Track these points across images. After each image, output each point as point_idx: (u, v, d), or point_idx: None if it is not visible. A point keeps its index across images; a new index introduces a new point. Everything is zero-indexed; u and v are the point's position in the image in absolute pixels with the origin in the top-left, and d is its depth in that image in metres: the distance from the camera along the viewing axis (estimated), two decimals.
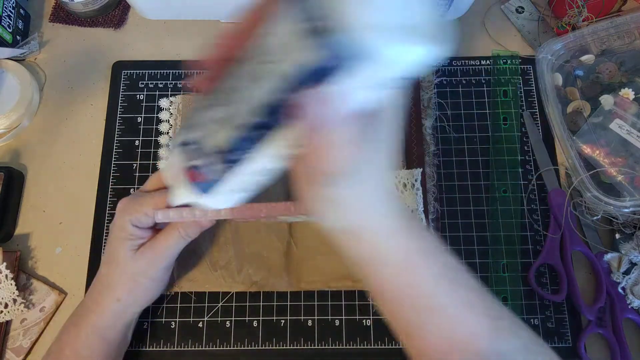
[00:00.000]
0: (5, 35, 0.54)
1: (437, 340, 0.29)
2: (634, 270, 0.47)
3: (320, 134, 0.19)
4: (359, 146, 0.21)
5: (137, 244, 0.40)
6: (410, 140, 0.51)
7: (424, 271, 0.28)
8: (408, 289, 0.29)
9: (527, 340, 0.29)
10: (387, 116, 0.24)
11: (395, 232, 0.27)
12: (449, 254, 0.30)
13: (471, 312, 0.28)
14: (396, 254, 0.28)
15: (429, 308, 0.29)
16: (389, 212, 0.27)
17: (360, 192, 0.25)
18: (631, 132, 0.49)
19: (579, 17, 0.53)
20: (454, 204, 0.51)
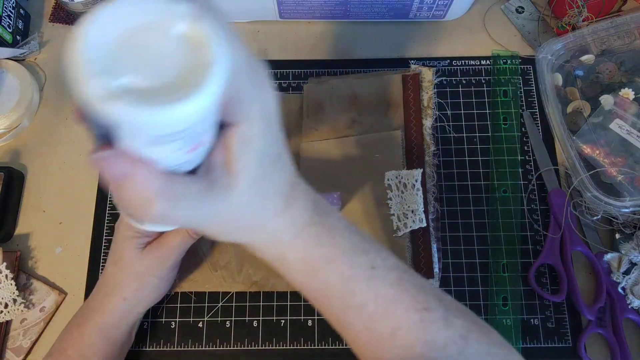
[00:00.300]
0: (5, 35, 0.54)
1: (364, 338, 0.29)
2: (634, 270, 0.47)
3: (123, 188, 0.19)
4: (172, 199, 0.20)
5: (143, 242, 0.40)
6: (410, 140, 0.51)
7: (330, 275, 0.28)
8: (317, 292, 0.29)
9: (462, 329, 0.29)
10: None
11: (290, 242, 0.27)
12: (374, 252, 0.29)
13: (396, 308, 0.28)
14: (294, 262, 0.28)
15: (345, 308, 0.29)
16: (281, 226, 0.27)
17: (223, 222, 0.25)
18: (631, 132, 0.49)
19: (579, 17, 0.53)
20: (454, 204, 0.51)
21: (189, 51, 0.18)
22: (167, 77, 0.17)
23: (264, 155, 0.23)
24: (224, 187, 0.22)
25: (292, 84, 0.55)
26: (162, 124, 0.18)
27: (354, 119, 0.52)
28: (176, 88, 0.17)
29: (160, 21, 0.18)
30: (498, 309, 0.47)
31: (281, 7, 0.54)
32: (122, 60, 0.17)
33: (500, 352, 0.30)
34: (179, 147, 0.19)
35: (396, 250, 0.48)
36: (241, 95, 0.21)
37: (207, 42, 0.18)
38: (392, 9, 0.54)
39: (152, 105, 0.17)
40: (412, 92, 0.53)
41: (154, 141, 0.19)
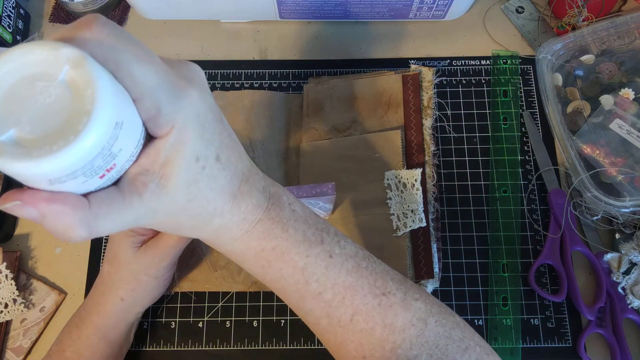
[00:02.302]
0: (5, 35, 0.54)
1: (325, 325, 0.30)
2: (634, 270, 0.47)
3: (43, 224, 0.20)
4: (93, 220, 0.21)
5: (139, 240, 0.40)
6: (410, 140, 0.51)
7: (283, 266, 0.29)
8: (273, 283, 0.30)
9: (421, 312, 0.30)
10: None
11: (241, 237, 0.28)
12: (331, 242, 0.30)
13: (354, 294, 0.30)
14: (247, 255, 0.29)
15: (302, 297, 0.30)
16: (228, 223, 0.27)
17: (166, 222, 0.25)
18: (631, 132, 0.49)
19: (579, 17, 0.53)
20: (454, 204, 0.51)
21: (72, 98, 0.18)
22: (49, 127, 0.18)
23: (199, 157, 0.23)
24: (155, 192, 0.22)
25: (292, 84, 0.55)
26: (48, 172, 0.18)
27: (354, 119, 0.52)
28: (56, 138, 0.18)
29: (48, 69, 0.19)
30: (498, 309, 0.47)
31: (281, 7, 0.54)
32: (8, 114, 0.18)
33: (459, 334, 0.30)
34: (84, 180, 0.20)
35: (396, 250, 0.48)
36: (161, 110, 0.21)
37: (87, 87, 0.18)
38: (392, 9, 0.54)
39: (32, 158, 0.17)
40: (412, 92, 0.53)
41: (53, 182, 0.19)
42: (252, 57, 0.57)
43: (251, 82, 0.56)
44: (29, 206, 0.19)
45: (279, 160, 0.52)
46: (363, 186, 0.49)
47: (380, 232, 0.48)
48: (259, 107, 0.53)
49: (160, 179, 0.22)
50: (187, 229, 0.27)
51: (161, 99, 0.21)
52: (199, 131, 0.23)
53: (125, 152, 0.21)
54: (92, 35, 0.20)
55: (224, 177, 0.25)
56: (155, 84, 0.21)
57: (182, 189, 0.23)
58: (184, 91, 0.22)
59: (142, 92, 0.20)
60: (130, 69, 0.20)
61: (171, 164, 0.22)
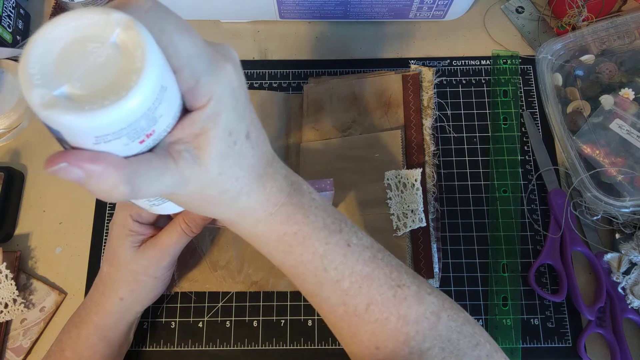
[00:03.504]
0: (5, 35, 0.54)
1: (340, 313, 0.31)
2: (634, 270, 0.47)
3: (86, 185, 0.21)
4: (135, 180, 0.22)
5: (138, 240, 0.40)
6: (410, 140, 0.51)
7: (304, 251, 0.30)
8: (292, 268, 0.31)
9: (434, 305, 0.31)
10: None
11: (264, 219, 0.29)
12: (349, 232, 0.31)
13: (370, 284, 0.30)
14: (268, 239, 0.30)
15: (320, 284, 0.30)
16: (254, 204, 0.28)
17: (194, 196, 0.26)
18: (631, 132, 0.49)
19: (579, 17, 0.53)
20: (454, 204, 0.51)
21: (122, 58, 0.20)
22: (101, 84, 0.19)
23: (231, 131, 0.24)
24: (189, 160, 0.23)
25: (292, 84, 0.55)
26: (96, 127, 0.19)
27: (354, 119, 0.52)
28: (107, 94, 0.19)
29: (99, 31, 0.20)
30: (498, 309, 0.47)
31: (281, 7, 0.54)
32: (61, 71, 0.19)
33: (470, 330, 0.31)
34: (127, 142, 0.21)
35: (396, 250, 0.48)
36: (200, 81, 0.22)
37: (137, 48, 0.19)
38: (392, 9, 0.54)
39: (85, 111, 0.18)
40: (412, 92, 0.53)
41: (98, 141, 0.20)
42: (252, 57, 0.57)
43: (251, 82, 0.56)
44: (74, 167, 0.20)
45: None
46: (363, 186, 0.49)
47: (380, 232, 0.48)
48: (259, 107, 0.53)
49: (194, 149, 0.23)
50: (214, 206, 0.27)
51: (200, 71, 0.22)
52: (234, 104, 0.24)
53: (164, 119, 0.22)
54: (138, 3, 0.21)
55: (253, 156, 0.26)
56: (195, 55, 0.22)
57: (214, 161, 0.24)
58: (221, 64, 0.23)
59: (182, 62, 0.21)
60: (172, 38, 0.21)
61: (206, 134, 0.23)
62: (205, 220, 0.40)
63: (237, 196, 0.27)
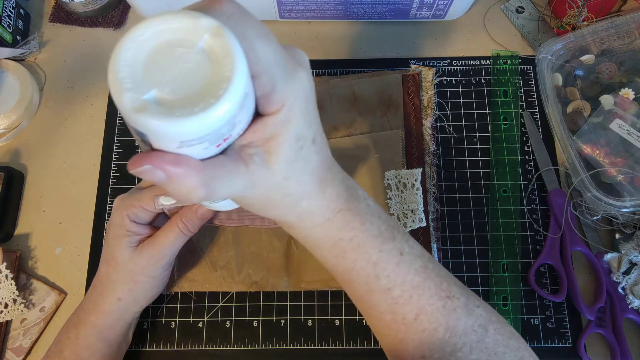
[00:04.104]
0: (5, 35, 0.54)
1: (388, 320, 0.31)
2: (634, 270, 0.47)
3: (166, 187, 0.22)
4: (211, 183, 0.22)
5: (135, 240, 0.40)
6: (410, 140, 0.51)
7: (358, 258, 0.30)
8: (345, 274, 0.31)
9: (482, 318, 0.31)
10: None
11: (322, 224, 0.29)
12: (402, 240, 0.31)
13: (420, 294, 0.30)
14: (324, 243, 0.30)
15: (371, 291, 0.31)
16: (313, 208, 0.28)
17: (259, 198, 0.26)
18: (631, 132, 0.49)
19: (579, 17, 0.53)
20: (454, 204, 0.51)
21: (210, 65, 0.20)
22: (190, 90, 0.19)
23: (299, 137, 0.25)
24: (259, 164, 0.24)
25: None
26: (184, 133, 0.20)
27: (354, 119, 0.52)
28: (197, 101, 0.19)
29: (187, 36, 0.20)
30: (498, 309, 0.47)
31: (281, 7, 0.54)
32: (151, 75, 0.19)
33: (516, 344, 0.31)
34: (207, 146, 0.21)
35: None
36: (276, 87, 0.22)
37: (226, 56, 0.20)
38: (392, 9, 0.54)
39: (175, 117, 0.19)
40: (412, 92, 0.53)
41: (182, 145, 0.20)
42: None
43: None
44: (158, 169, 0.20)
45: None
46: (363, 186, 0.49)
47: None
48: None
49: (264, 153, 0.24)
50: (276, 209, 0.28)
51: (277, 77, 0.22)
52: (304, 111, 0.24)
53: (241, 124, 0.22)
54: (222, 8, 0.21)
55: (316, 161, 0.27)
56: (273, 62, 0.22)
57: (282, 166, 0.24)
58: (296, 71, 0.24)
59: (262, 68, 0.21)
60: (254, 44, 0.21)
61: (276, 140, 0.24)
62: (203, 220, 0.40)
63: (299, 200, 0.27)
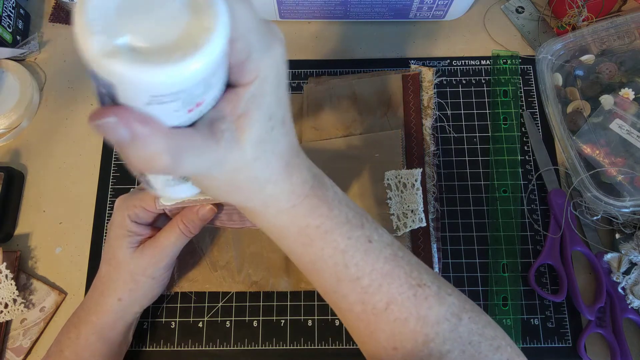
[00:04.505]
0: (5, 35, 0.54)
1: (358, 311, 0.30)
2: (634, 270, 0.47)
3: (128, 148, 0.20)
4: (177, 152, 0.21)
5: (136, 240, 0.40)
6: (410, 140, 0.51)
7: (325, 245, 0.29)
8: (311, 264, 0.30)
9: (455, 307, 0.30)
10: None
11: (288, 210, 0.28)
12: (370, 228, 0.30)
13: (390, 282, 0.29)
14: (290, 231, 0.29)
15: (339, 280, 0.30)
16: (279, 193, 0.27)
17: (225, 179, 0.25)
18: (631, 132, 0.49)
19: (579, 17, 0.53)
20: (454, 204, 0.51)
21: (190, 15, 0.18)
22: (166, 39, 0.18)
23: (272, 115, 0.24)
24: (229, 141, 0.23)
25: (292, 84, 0.55)
26: (158, 84, 0.18)
27: (354, 119, 0.52)
28: (174, 50, 0.18)
29: None
30: (498, 309, 0.47)
31: (281, 7, 0.54)
32: (124, 21, 0.18)
33: (492, 332, 0.30)
34: (178, 108, 0.20)
35: None
36: (251, 55, 0.22)
37: (208, 6, 0.18)
38: (392, 9, 0.54)
39: (149, 65, 0.17)
40: (412, 92, 0.53)
41: (152, 101, 0.19)
42: None
43: None
44: (122, 125, 0.19)
45: None
46: (363, 186, 0.49)
47: None
48: None
49: (236, 130, 0.23)
50: (241, 193, 0.27)
51: (254, 45, 0.22)
52: (276, 87, 0.24)
53: (214, 89, 0.21)
54: None
55: (285, 143, 0.26)
56: (252, 28, 0.21)
57: (252, 145, 0.24)
58: (273, 43, 0.23)
59: (238, 32, 0.21)
60: (234, 5, 0.20)
61: (248, 116, 0.23)
62: (204, 221, 0.40)
63: (265, 184, 0.26)
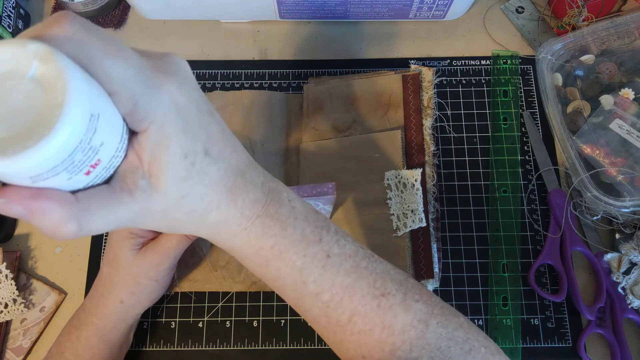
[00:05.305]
0: (5, 35, 0.54)
1: (323, 323, 0.30)
2: (634, 270, 0.47)
3: (31, 221, 0.20)
4: (84, 216, 0.21)
5: (138, 242, 0.40)
6: (410, 140, 0.51)
7: (281, 265, 0.29)
8: (272, 281, 0.30)
9: (422, 313, 0.29)
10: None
11: (240, 233, 0.28)
12: (330, 241, 0.30)
13: (352, 295, 0.29)
14: (246, 253, 0.29)
15: (300, 297, 0.30)
16: (225, 219, 0.27)
17: (161, 222, 0.25)
18: (631, 132, 0.49)
19: (579, 17, 0.53)
20: (454, 204, 0.51)
21: (44, 93, 0.18)
22: (24, 124, 0.18)
23: (187, 153, 0.23)
24: (146, 190, 0.22)
25: (292, 84, 0.55)
26: (26, 168, 0.18)
27: (354, 119, 0.52)
28: (30, 134, 0.17)
29: (16, 67, 0.18)
30: (498, 309, 0.47)
31: (281, 7, 0.54)
32: None
33: (463, 335, 0.30)
34: (68, 177, 0.20)
35: (396, 250, 0.48)
36: (138, 103, 0.21)
37: (57, 80, 0.18)
38: (392, 9, 0.54)
39: (7, 156, 0.17)
40: (412, 92, 0.53)
41: (36, 179, 0.19)
42: (252, 57, 0.57)
43: (251, 82, 0.56)
44: (14, 203, 0.19)
45: (279, 160, 0.52)
46: (363, 186, 0.49)
47: (380, 232, 0.48)
48: (259, 107, 0.53)
49: (151, 177, 0.22)
50: (185, 226, 0.27)
51: (137, 93, 0.21)
52: (182, 125, 0.23)
53: (108, 146, 0.21)
54: (61, 31, 0.19)
55: (217, 171, 0.25)
56: (129, 77, 0.20)
57: (173, 186, 0.23)
58: (162, 84, 0.22)
59: (115, 86, 0.20)
60: (101, 63, 0.20)
61: (158, 161, 0.22)
62: None
63: (205, 213, 0.26)
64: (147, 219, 0.24)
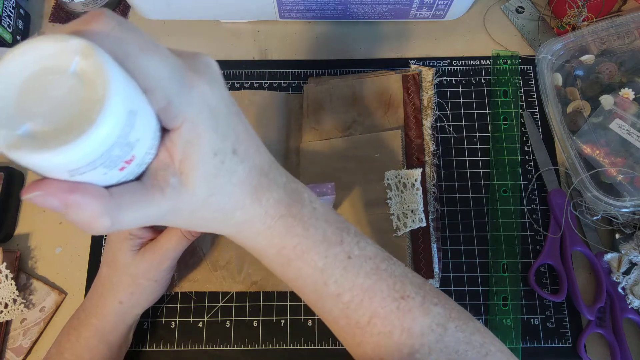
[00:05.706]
0: (5, 35, 0.54)
1: (343, 324, 0.30)
2: (634, 270, 0.47)
3: (66, 215, 0.20)
4: (117, 211, 0.21)
5: (137, 243, 0.40)
6: (410, 140, 0.51)
7: (303, 265, 0.29)
8: (293, 281, 0.30)
9: (440, 316, 0.30)
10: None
11: (263, 232, 0.28)
12: (351, 242, 0.30)
13: (372, 296, 0.29)
14: (268, 252, 0.29)
15: (321, 297, 0.30)
16: (250, 218, 0.27)
17: (188, 219, 0.25)
18: (631, 132, 0.49)
19: (579, 17, 0.53)
20: (454, 204, 0.51)
21: (85, 88, 0.18)
22: (65, 118, 0.18)
23: (217, 151, 0.23)
24: (176, 188, 0.23)
25: (292, 84, 0.55)
26: (66, 163, 0.18)
27: (354, 119, 0.52)
28: (72, 128, 0.18)
29: (58, 62, 0.19)
30: (498, 309, 0.47)
31: (281, 7, 0.54)
32: (23, 108, 0.18)
33: (480, 339, 0.30)
34: (104, 172, 0.20)
35: (396, 250, 0.48)
36: (172, 102, 0.21)
37: (98, 76, 0.18)
38: (392, 9, 0.54)
39: (49, 149, 0.17)
40: (412, 92, 0.53)
41: (74, 173, 0.19)
42: (252, 57, 0.57)
43: (251, 82, 0.56)
44: (50, 196, 0.19)
45: (279, 160, 0.52)
46: (363, 186, 0.49)
47: (380, 232, 0.48)
48: (259, 107, 0.53)
49: (181, 175, 0.23)
50: (211, 224, 0.27)
51: (171, 91, 0.21)
52: (213, 124, 0.23)
53: (142, 143, 0.21)
54: (99, 28, 0.20)
55: (243, 170, 0.25)
56: (164, 76, 0.21)
57: (202, 185, 0.23)
58: (195, 84, 0.23)
59: (151, 83, 0.20)
60: (137, 60, 0.20)
61: (189, 159, 0.23)
62: None
63: (232, 212, 0.26)
64: (175, 217, 0.24)
